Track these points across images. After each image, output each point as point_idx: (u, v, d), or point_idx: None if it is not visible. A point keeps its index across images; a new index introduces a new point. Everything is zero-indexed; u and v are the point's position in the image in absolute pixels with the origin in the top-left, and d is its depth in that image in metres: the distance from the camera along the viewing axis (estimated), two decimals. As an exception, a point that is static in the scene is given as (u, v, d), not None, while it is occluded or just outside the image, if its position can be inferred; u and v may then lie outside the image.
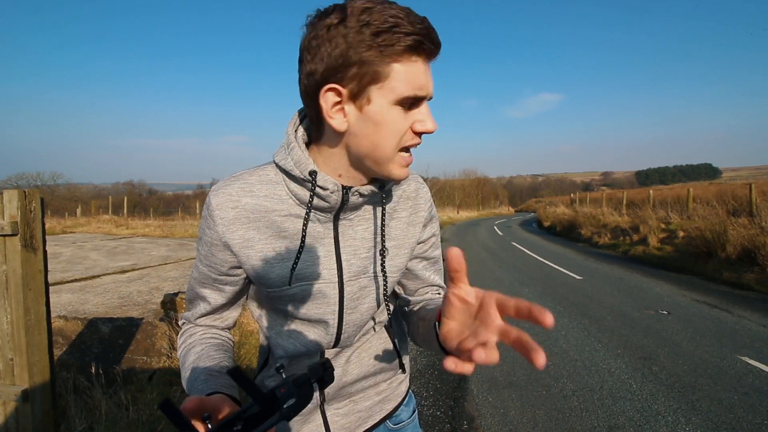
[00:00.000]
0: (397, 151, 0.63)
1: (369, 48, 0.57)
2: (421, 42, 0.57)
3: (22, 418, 1.87)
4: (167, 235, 17.97)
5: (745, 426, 2.57)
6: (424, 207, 0.80)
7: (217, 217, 0.67)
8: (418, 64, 0.59)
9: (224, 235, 0.68)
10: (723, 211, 9.77)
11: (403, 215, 0.78)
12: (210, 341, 0.75)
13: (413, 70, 0.58)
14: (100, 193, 59.64)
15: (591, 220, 15.80)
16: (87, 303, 5.54)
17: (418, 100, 0.61)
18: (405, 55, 0.57)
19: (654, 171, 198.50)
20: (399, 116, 0.60)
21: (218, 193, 0.68)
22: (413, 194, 0.79)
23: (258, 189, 0.68)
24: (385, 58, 0.57)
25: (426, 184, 0.83)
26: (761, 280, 6.45)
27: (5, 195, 1.83)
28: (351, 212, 0.71)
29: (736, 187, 14.96)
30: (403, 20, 0.56)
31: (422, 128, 0.62)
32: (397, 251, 0.77)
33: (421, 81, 0.59)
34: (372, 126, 0.61)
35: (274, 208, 0.68)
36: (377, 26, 0.56)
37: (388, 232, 0.75)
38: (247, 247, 0.69)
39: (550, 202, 33.65)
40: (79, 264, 9.24)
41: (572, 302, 5.74)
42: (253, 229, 0.68)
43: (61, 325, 3.23)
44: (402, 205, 0.78)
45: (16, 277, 1.83)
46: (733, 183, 25.70)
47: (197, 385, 0.64)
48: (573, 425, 2.62)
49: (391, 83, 0.58)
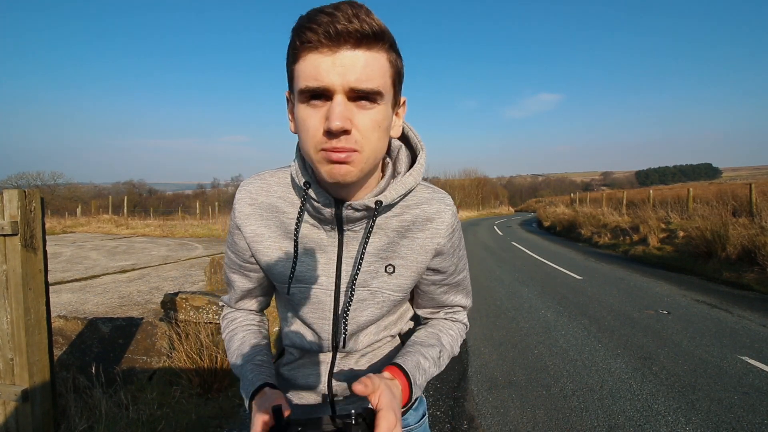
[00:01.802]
0: (317, 151, 0.61)
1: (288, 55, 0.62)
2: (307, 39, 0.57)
3: (22, 418, 1.87)
4: (167, 234, 17.98)
5: (745, 426, 2.57)
6: (443, 234, 0.74)
7: (237, 211, 0.76)
8: (312, 56, 0.58)
9: (241, 227, 0.76)
10: (725, 211, 9.77)
11: (418, 236, 0.74)
12: (249, 328, 0.86)
13: (306, 64, 0.58)
14: (100, 193, 59.65)
15: (591, 220, 15.80)
16: (87, 303, 5.55)
17: (319, 94, 0.59)
18: (302, 53, 0.59)
19: (654, 171, 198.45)
20: (307, 114, 0.60)
21: (241, 190, 0.76)
22: (435, 216, 0.74)
23: (275, 190, 0.75)
24: (290, 59, 0.61)
25: (453, 207, 0.77)
26: (761, 280, 6.45)
27: (5, 195, 1.83)
28: (355, 224, 0.71)
29: (736, 187, 14.96)
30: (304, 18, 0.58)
31: (325, 126, 0.58)
32: (403, 271, 0.75)
33: (312, 73, 0.58)
34: (298, 127, 0.63)
35: (285, 210, 0.74)
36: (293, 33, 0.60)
37: (398, 250, 0.74)
38: (257, 241, 0.76)
39: (550, 202, 33.64)
40: (79, 264, 9.24)
41: (572, 302, 5.74)
42: (264, 226, 0.75)
43: (61, 325, 3.23)
44: (420, 225, 0.74)
45: (16, 277, 1.83)
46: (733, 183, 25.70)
47: (247, 374, 0.76)
48: (573, 425, 2.62)
49: (295, 81, 0.61)
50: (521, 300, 5.93)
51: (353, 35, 0.57)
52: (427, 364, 0.76)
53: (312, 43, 0.57)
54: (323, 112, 0.59)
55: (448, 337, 0.84)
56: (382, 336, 0.83)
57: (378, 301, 0.76)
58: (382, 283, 0.75)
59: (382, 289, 0.75)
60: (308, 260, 0.74)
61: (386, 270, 0.74)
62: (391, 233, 0.73)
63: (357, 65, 0.57)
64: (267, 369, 0.78)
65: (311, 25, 0.57)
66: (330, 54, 0.57)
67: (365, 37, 0.57)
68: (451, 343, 0.84)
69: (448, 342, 0.83)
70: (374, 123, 0.61)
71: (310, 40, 0.57)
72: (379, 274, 0.74)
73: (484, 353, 3.85)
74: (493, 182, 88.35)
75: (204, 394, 2.84)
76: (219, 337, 3.28)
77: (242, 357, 0.80)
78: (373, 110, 0.60)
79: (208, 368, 2.90)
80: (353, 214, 0.69)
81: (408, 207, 0.73)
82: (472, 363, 3.66)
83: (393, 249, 0.74)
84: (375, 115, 0.61)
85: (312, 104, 0.60)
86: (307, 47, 0.58)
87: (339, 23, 0.56)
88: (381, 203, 0.67)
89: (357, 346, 0.80)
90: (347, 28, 0.56)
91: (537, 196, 65.98)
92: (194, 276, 7.46)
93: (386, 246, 0.74)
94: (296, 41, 0.59)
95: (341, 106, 0.58)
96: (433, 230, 0.74)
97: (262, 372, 0.76)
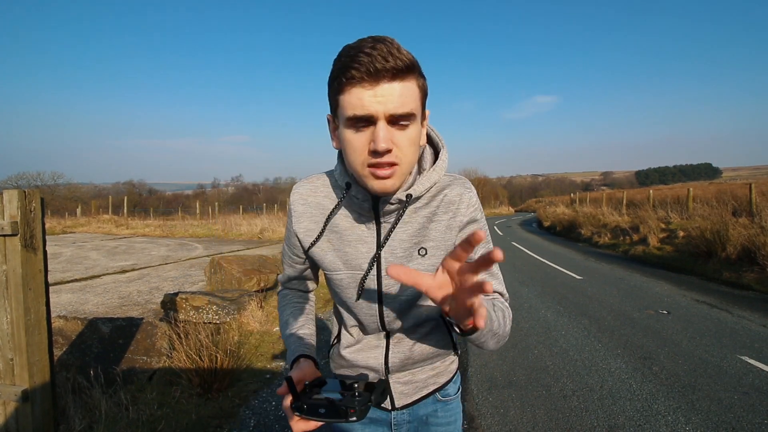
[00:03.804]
0: (364, 167, 0.73)
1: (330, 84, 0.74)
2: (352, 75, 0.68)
3: (22, 418, 1.87)
4: (167, 235, 17.98)
5: (745, 426, 2.57)
6: (465, 212, 0.85)
7: (293, 210, 0.90)
8: (356, 90, 0.69)
9: (294, 224, 0.90)
10: (725, 211, 9.77)
11: (443, 218, 0.84)
12: (296, 305, 1.02)
13: (351, 96, 0.70)
14: (100, 193, 59.67)
15: (591, 220, 15.80)
16: (87, 303, 5.55)
17: (364, 120, 0.70)
18: (346, 87, 0.70)
19: (654, 171, 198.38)
20: (353, 137, 0.72)
21: (294, 192, 0.90)
22: (456, 198, 0.85)
23: (321, 190, 0.89)
24: (334, 90, 0.73)
25: (473, 189, 0.88)
26: (761, 280, 6.45)
27: (5, 195, 1.83)
28: (390, 216, 0.84)
29: (736, 186, 14.97)
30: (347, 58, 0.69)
31: (372, 147, 0.70)
32: (434, 251, 0.85)
33: (358, 103, 0.69)
34: (342, 146, 0.76)
35: (329, 207, 0.87)
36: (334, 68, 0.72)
37: (428, 234, 0.84)
38: (308, 236, 0.89)
39: (550, 202, 33.62)
40: (79, 264, 9.25)
41: (572, 302, 5.74)
42: (314, 223, 0.88)
43: (61, 325, 3.23)
44: (443, 209, 0.85)
45: (16, 277, 1.83)
46: (733, 183, 25.70)
47: (291, 345, 0.92)
48: (573, 425, 2.62)
49: (341, 110, 0.72)
50: (521, 300, 5.93)
51: (390, 71, 0.68)
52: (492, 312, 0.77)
53: (356, 80, 0.68)
54: (367, 135, 0.71)
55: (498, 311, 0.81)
56: (426, 317, 0.91)
57: None
58: (417, 265, 0.84)
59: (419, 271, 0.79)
60: (352, 250, 0.85)
61: (419, 253, 0.84)
62: (421, 220, 0.84)
63: (394, 95, 0.69)
64: (307, 341, 0.94)
65: (354, 65, 0.68)
66: (371, 87, 0.68)
67: (399, 71, 0.69)
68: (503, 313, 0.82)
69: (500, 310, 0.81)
70: (409, 140, 0.73)
71: (354, 77, 0.68)
72: (414, 257, 0.84)
73: (484, 353, 3.84)
74: (493, 182, 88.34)
75: (204, 394, 2.84)
76: (219, 337, 3.28)
77: (288, 329, 0.97)
78: (408, 129, 0.72)
79: (208, 368, 2.90)
80: (388, 207, 0.81)
81: (433, 196, 0.85)
82: (472, 363, 3.66)
83: (423, 234, 0.84)
84: (410, 134, 0.73)
85: (357, 128, 0.71)
86: (351, 82, 0.69)
87: (377, 62, 0.67)
88: (411, 196, 0.79)
89: (405, 326, 0.91)
90: (385, 66, 0.67)
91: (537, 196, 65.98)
92: (194, 276, 7.46)
93: (417, 232, 0.84)
94: (342, 77, 0.70)
95: (384, 131, 0.69)
96: (456, 210, 0.85)
97: (302, 344, 0.92)
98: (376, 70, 0.67)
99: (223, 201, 56.00)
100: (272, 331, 4.39)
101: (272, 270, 6.22)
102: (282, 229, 15.94)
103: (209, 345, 3.00)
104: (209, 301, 4.40)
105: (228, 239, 15.69)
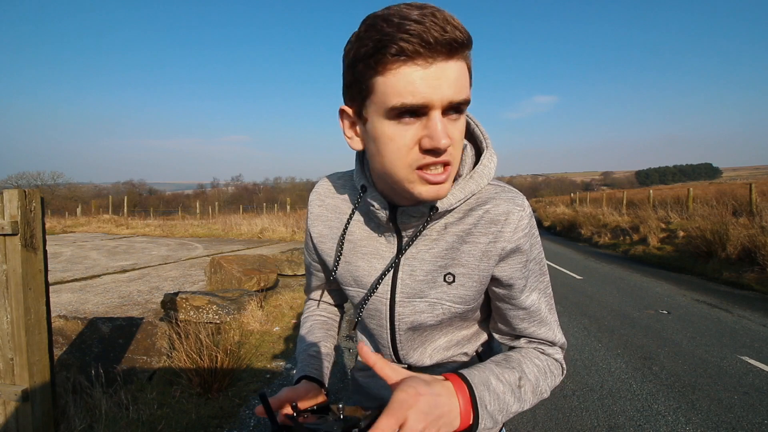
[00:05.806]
0: (411, 170, 0.56)
1: (357, 64, 0.55)
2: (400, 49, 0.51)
3: (22, 418, 1.87)
4: (167, 234, 17.98)
5: (745, 425, 2.57)
6: (510, 237, 0.64)
7: (309, 211, 0.79)
8: (406, 69, 0.52)
9: (310, 227, 0.79)
10: (725, 211, 9.77)
11: (481, 240, 0.65)
12: (317, 319, 0.90)
13: (398, 78, 0.52)
14: (100, 193, 59.70)
15: (591, 219, 15.80)
16: (87, 302, 5.55)
17: (413, 111, 0.53)
18: (391, 64, 0.52)
19: (654, 171, 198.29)
20: (395, 131, 0.55)
21: (313, 192, 0.79)
22: (501, 218, 0.64)
23: (341, 191, 0.76)
24: (369, 71, 0.54)
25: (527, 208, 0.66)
26: (761, 280, 6.45)
27: (5, 195, 1.83)
28: (412, 230, 0.67)
29: (736, 186, 14.98)
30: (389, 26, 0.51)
31: (428, 145, 0.53)
32: (464, 280, 0.66)
33: (408, 88, 0.52)
34: (374, 144, 0.58)
35: (346, 211, 0.74)
36: (367, 41, 0.53)
37: (458, 257, 0.66)
38: (321, 242, 0.78)
39: (550, 201, 33.62)
40: (79, 263, 9.25)
41: (572, 302, 5.74)
42: (327, 228, 0.76)
43: (61, 325, 3.23)
44: (482, 228, 0.65)
45: (16, 277, 1.83)
46: (733, 183, 25.71)
47: (299, 363, 0.81)
48: (573, 425, 2.62)
49: (379, 97, 0.54)
50: (521, 300, 5.92)
51: (446, 45, 0.51)
52: (501, 388, 0.61)
53: (407, 55, 0.51)
54: (416, 128, 0.54)
55: (533, 366, 0.67)
56: (454, 352, 0.75)
57: (437, 313, 0.69)
58: (441, 294, 0.67)
59: (442, 300, 0.68)
60: (365, 264, 0.71)
61: (445, 279, 0.66)
62: (450, 238, 0.66)
63: (451, 77, 0.53)
64: (316, 362, 0.81)
65: (402, 35, 0.50)
66: (426, 66, 0.52)
67: (459, 45, 0.53)
68: (536, 374, 0.66)
69: (532, 372, 0.66)
70: (461, 133, 0.58)
71: (405, 51, 0.51)
72: (437, 284, 0.67)
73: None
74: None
75: (204, 394, 2.84)
76: (219, 336, 3.28)
77: (302, 345, 0.85)
78: (460, 121, 0.57)
79: (208, 368, 2.90)
80: (409, 220, 0.65)
81: (471, 209, 0.66)
82: (472, 363, 3.66)
83: (452, 256, 0.66)
84: (461, 126, 0.58)
85: (404, 121, 0.54)
86: (398, 59, 0.51)
87: (435, 32, 0.50)
88: (437, 209, 0.62)
89: (424, 360, 0.75)
90: (443, 37, 0.51)
91: (537, 195, 66.00)
92: (194, 276, 7.46)
93: (445, 253, 0.66)
94: (384, 52, 0.52)
95: (442, 123, 0.53)
96: (498, 233, 0.64)
97: (310, 364, 0.80)
98: (434, 41, 0.50)
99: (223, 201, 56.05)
100: (272, 331, 4.39)
101: (272, 270, 6.22)
102: (282, 228, 15.94)
103: (209, 345, 3.00)
104: (209, 300, 4.40)
105: (228, 239, 15.69)
